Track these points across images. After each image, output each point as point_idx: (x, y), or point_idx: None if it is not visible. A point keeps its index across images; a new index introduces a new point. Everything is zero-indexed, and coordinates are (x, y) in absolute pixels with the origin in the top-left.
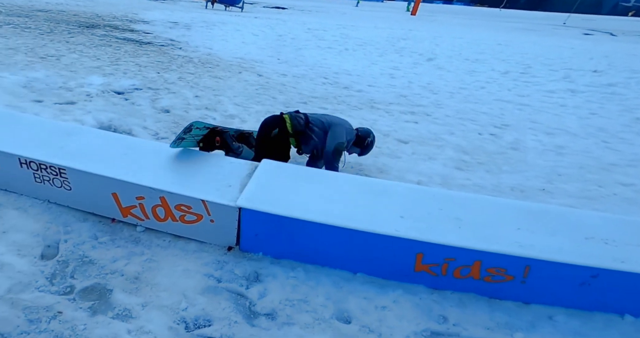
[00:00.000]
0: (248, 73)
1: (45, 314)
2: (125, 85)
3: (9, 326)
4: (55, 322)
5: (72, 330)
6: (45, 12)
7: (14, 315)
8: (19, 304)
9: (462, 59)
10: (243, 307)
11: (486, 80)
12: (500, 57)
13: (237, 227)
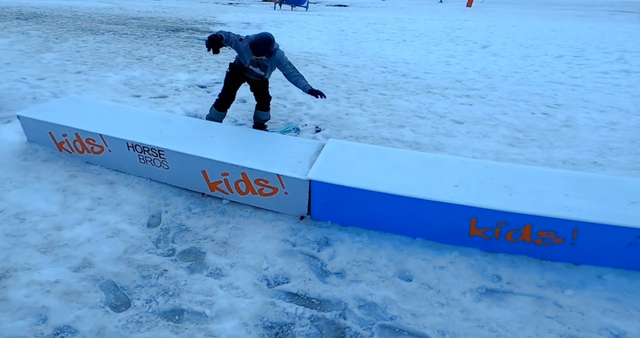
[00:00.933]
0: (313, 65)
1: (154, 272)
2: (207, 80)
3: (128, 280)
4: (162, 278)
5: (175, 285)
6: (138, 20)
7: (130, 272)
8: (134, 263)
9: (516, 45)
10: (316, 267)
11: (540, 64)
12: (554, 42)
13: (308, 198)
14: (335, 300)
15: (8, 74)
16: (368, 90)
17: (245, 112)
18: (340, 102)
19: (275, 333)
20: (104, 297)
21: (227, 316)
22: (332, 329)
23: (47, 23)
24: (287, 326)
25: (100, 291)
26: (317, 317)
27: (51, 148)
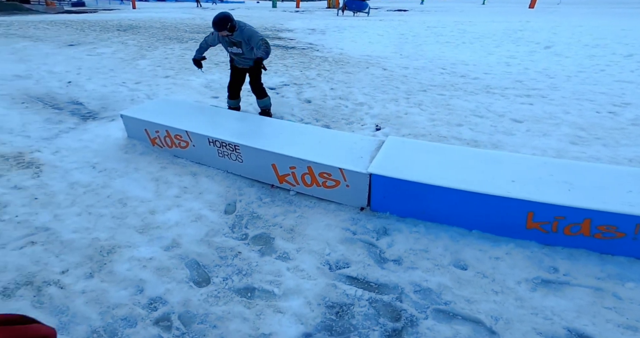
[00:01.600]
0: (374, 68)
1: (230, 253)
2: (277, 82)
3: (208, 260)
4: (237, 259)
5: (248, 266)
6: None
7: (210, 253)
8: (213, 245)
9: (581, 45)
10: (374, 254)
11: (606, 63)
12: (623, 41)
13: (368, 190)
14: (392, 284)
15: (112, 79)
16: (427, 91)
17: (310, 111)
18: (400, 102)
19: (336, 312)
20: (188, 274)
21: (293, 295)
22: (388, 311)
23: (141, 33)
24: (347, 306)
25: (186, 268)
26: (375, 299)
27: (146, 143)
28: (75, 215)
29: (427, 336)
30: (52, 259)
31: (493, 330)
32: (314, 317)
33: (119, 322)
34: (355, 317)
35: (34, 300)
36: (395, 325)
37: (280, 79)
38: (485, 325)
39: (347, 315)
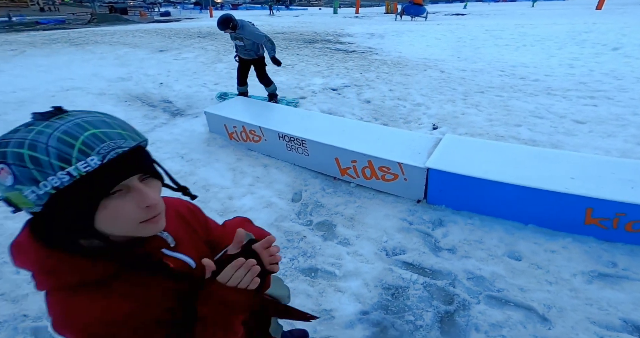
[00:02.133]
0: (432, 70)
1: (296, 237)
2: (338, 84)
3: (277, 242)
4: (302, 243)
5: (312, 249)
6: (282, 34)
7: (279, 236)
8: (282, 229)
9: None
10: (430, 243)
11: None
12: None
13: (425, 184)
14: (446, 271)
15: (195, 80)
16: (484, 92)
17: (369, 111)
18: (457, 103)
19: (392, 294)
20: None
21: (352, 276)
22: (442, 295)
23: (218, 40)
24: (402, 289)
25: None
26: (429, 284)
27: (225, 137)
28: None
29: (478, 319)
30: None
31: (545, 317)
32: (371, 297)
33: None
34: (410, 298)
35: None
36: (448, 308)
37: (342, 80)
38: (538, 312)
39: (402, 297)
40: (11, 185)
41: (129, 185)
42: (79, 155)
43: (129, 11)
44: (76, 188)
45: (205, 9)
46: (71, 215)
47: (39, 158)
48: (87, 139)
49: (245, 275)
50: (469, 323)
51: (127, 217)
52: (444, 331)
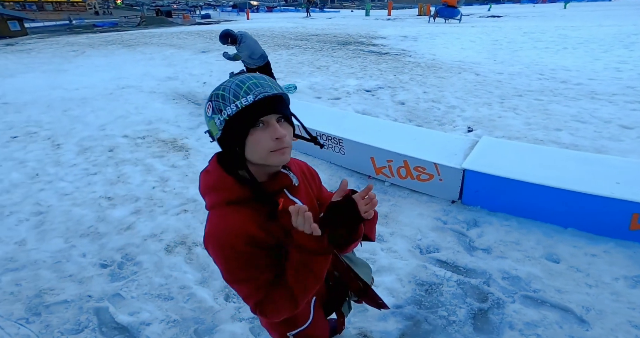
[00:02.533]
0: (467, 73)
1: None
2: (372, 85)
3: None
4: None
5: None
6: (316, 36)
7: None
8: None
9: None
10: (464, 242)
11: None
12: None
13: (460, 185)
14: (480, 270)
15: None
16: (522, 96)
17: (404, 112)
18: (493, 106)
19: (426, 290)
20: None
21: (386, 272)
22: (476, 293)
23: None
24: (436, 285)
25: None
26: (463, 282)
27: None
28: None
29: (513, 317)
30: (198, 225)
31: (583, 319)
32: (405, 291)
33: None
34: (443, 295)
35: (186, 257)
36: (482, 306)
37: (376, 82)
38: (575, 313)
39: (435, 293)
40: (210, 115)
41: (268, 121)
42: (243, 94)
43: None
44: (239, 117)
45: (243, 11)
46: (234, 138)
47: (224, 95)
48: (250, 85)
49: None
50: (503, 321)
51: (263, 145)
52: (477, 327)
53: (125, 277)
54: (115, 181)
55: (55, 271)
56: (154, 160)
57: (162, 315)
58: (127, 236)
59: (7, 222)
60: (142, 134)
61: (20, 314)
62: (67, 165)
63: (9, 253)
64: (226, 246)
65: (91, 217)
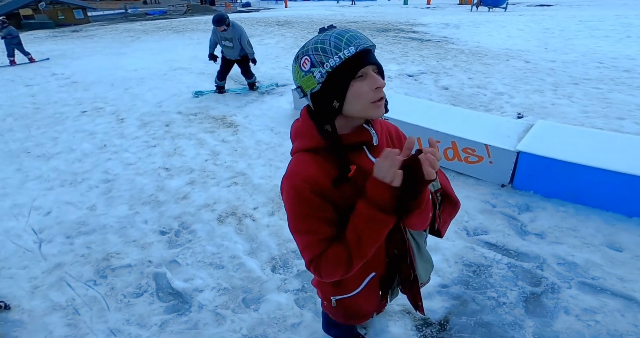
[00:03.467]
0: (515, 60)
1: None
2: (414, 70)
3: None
4: None
5: None
6: (355, 23)
7: None
8: None
9: None
10: (515, 226)
11: None
12: None
13: (512, 168)
14: (533, 254)
15: (277, 63)
16: (579, 84)
17: (447, 97)
18: (545, 93)
19: (473, 271)
20: None
21: (431, 251)
22: (528, 276)
23: (294, 28)
24: (484, 267)
25: None
26: (514, 265)
27: None
28: (261, 165)
29: (569, 303)
30: (247, 197)
31: None
32: (451, 272)
33: (290, 254)
34: (492, 276)
35: (236, 227)
36: (534, 290)
37: (418, 67)
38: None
39: (484, 274)
40: (308, 69)
41: (367, 72)
42: (344, 45)
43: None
44: (341, 68)
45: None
46: (334, 91)
47: (325, 48)
48: (349, 37)
49: (386, 165)
50: (557, 305)
51: (364, 96)
52: (528, 310)
53: (181, 245)
54: (172, 153)
55: (120, 236)
56: (206, 135)
57: (214, 282)
58: (183, 205)
59: (80, 188)
60: (194, 111)
61: (90, 276)
62: (130, 138)
63: (82, 217)
64: (293, 190)
65: (151, 186)
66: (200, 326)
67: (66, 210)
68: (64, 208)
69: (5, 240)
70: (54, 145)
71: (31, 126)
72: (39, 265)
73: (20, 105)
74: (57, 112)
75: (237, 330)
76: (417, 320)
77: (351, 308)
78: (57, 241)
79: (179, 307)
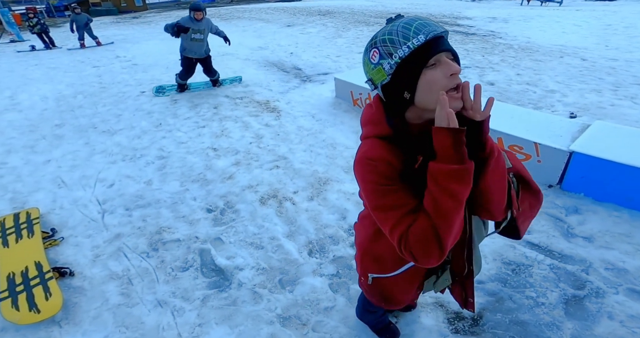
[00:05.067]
0: (570, 57)
1: None
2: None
3: None
4: None
5: None
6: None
7: None
8: None
9: None
10: (561, 228)
11: None
12: None
13: (563, 168)
14: (579, 257)
15: (319, 52)
16: None
17: (493, 93)
18: (604, 93)
19: (512, 269)
20: None
21: None
22: (571, 279)
23: (336, 18)
24: (524, 266)
25: None
26: (557, 267)
27: (349, 103)
28: (302, 150)
29: (614, 308)
30: (288, 181)
31: None
32: (489, 268)
33: (327, 239)
34: (532, 276)
35: (277, 210)
36: (577, 292)
37: (462, 61)
38: None
39: (523, 273)
40: (377, 61)
41: (440, 59)
42: (413, 34)
43: None
44: (411, 58)
45: None
46: (405, 81)
47: (393, 38)
48: (417, 25)
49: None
50: (601, 310)
51: (438, 84)
52: (569, 312)
53: (225, 223)
54: (220, 134)
55: (172, 211)
56: (251, 118)
57: (253, 262)
58: (229, 185)
59: (139, 163)
60: (240, 95)
61: (144, 248)
62: (182, 118)
63: (139, 191)
64: (370, 166)
65: (200, 165)
66: (238, 303)
67: (126, 183)
68: (124, 182)
69: (74, 209)
70: (117, 121)
71: (98, 103)
72: (101, 235)
73: (89, 84)
74: (120, 91)
75: (273, 309)
76: (450, 313)
77: (386, 291)
78: (117, 212)
79: (220, 284)
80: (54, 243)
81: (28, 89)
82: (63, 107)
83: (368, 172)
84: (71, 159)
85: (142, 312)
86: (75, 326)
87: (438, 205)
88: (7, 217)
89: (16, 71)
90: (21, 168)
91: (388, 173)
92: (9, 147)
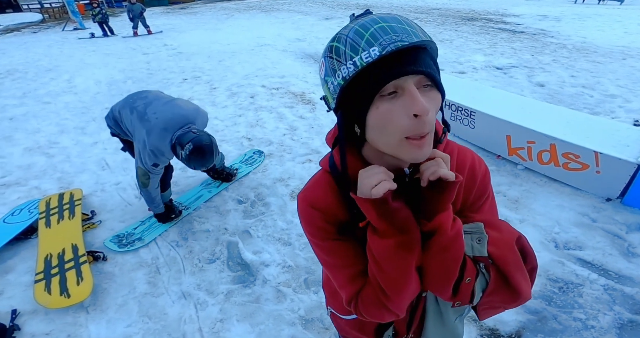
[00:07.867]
0: (634, 60)
1: None
2: (504, 63)
3: None
4: None
5: None
6: (437, 10)
7: None
8: None
9: None
10: (620, 246)
11: None
12: None
13: (627, 182)
14: (639, 279)
15: None
16: None
17: (543, 95)
18: None
19: (559, 287)
20: None
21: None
22: (628, 302)
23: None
24: (574, 285)
25: None
26: (613, 288)
27: None
28: None
29: None
30: None
31: None
32: None
33: None
34: (582, 296)
35: None
36: (635, 318)
37: (508, 60)
38: None
39: (572, 293)
40: (323, 77)
41: (404, 86)
42: (364, 45)
43: None
44: (359, 80)
45: None
46: (351, 112)
47: (339, 48)
48: (374, 31)
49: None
50: None
51: (394, 124)
52: None
53: (254, 216)
54: (255, 124)
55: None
56: (285, 109)
57: (280, 259)
58: (260, 176)
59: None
60: (276, 85)
61: (174, 237)
62: (220, 106)
63: (175, 177)
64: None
65: (235, 154)
66: (261, 300)
67: None
68: None
69: (114, 192)
70: None
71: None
72: (136, 220)
73: (138, 70)
74: (165, 77)
75: (295, 310)
76: (484, 330)
77: (342, 331)
78: None
79: (245, 279)
80: (92, 227)
81: (84, 73)
82: (114, 91)
83: (308, 223)
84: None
85: (166, 302)
86: (102, 313)
87: (381, 276)
88: (52, 197)
89: (75, 56)
90: (71, 148)
91: (329, 228)
92: (62, 128)
